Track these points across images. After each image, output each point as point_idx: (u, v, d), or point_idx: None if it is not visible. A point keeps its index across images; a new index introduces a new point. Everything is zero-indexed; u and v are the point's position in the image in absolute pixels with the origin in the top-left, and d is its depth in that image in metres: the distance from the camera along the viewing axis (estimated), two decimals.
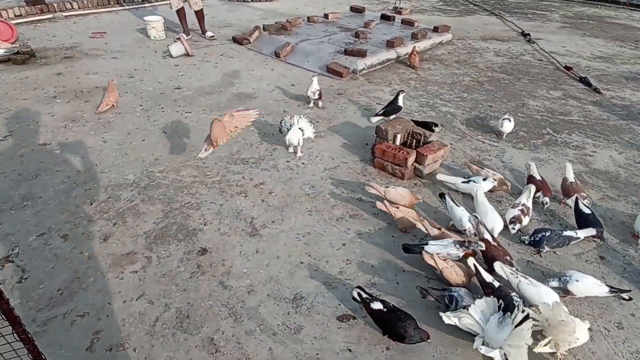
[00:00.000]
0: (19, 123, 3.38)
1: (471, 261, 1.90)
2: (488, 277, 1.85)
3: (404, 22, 6.51)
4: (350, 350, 1.70)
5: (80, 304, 1.85)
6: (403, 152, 2.75)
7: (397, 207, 2.26)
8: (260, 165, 2.93)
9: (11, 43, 5.08)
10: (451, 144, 3.25)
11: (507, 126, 3.27)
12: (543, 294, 1.78)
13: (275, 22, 5.93)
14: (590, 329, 1.74)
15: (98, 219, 2.36)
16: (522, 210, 2.29)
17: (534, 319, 1.64)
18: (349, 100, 4.05)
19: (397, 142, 2.95)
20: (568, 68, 5.07)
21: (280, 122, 3.18)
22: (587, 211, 2.33)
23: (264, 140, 3.28)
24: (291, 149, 3.08)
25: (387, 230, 2.35)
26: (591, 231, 2.21)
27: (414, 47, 5.20)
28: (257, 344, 1.70)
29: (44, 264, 2.05)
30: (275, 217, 2.42)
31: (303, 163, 2.98)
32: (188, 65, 4.77)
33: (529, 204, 2.35)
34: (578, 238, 2.21)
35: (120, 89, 4.04)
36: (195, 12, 5.64)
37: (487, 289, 1.83)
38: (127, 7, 7.38)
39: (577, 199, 2.39)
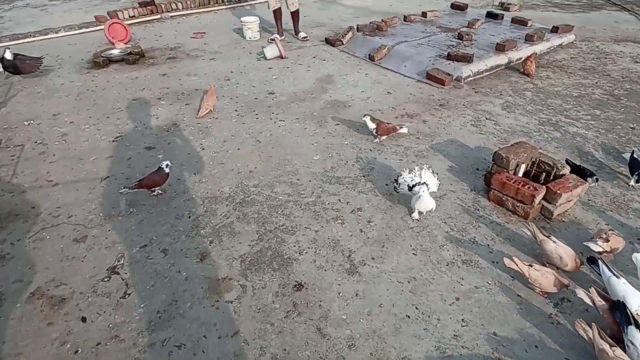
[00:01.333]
0: (128, 124, 3.57)
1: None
2: None
3: (514, 20, 5.79)
4: None
5: (178, 332, 1.80)
6: (530, 188, 2.32)
7: (531, 265, 1.87)
8: (357, 187, 2.70)
9: (125, 43, 5.50)
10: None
11: None
12: None
13: (370, 23, 5.63)
14: None
15: (195, 235, 2.34)
16: None
17: None
18: (454, 113, 3.64)
19: (520, 173, 2.52)
20: None
21: (397, 180, 2.46)
22: None
23: (360, 157, 3.05)
24: (416, 215, 2.40)
25: (511, 286, 1.98)
26: None
27: (534, 52, 4.53)
28: None
29: (145, 280, 2.06)
30: (376, 252, 2.18)
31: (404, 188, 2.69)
32: (281, 68, 4.71)
33: None
34: None
35: (217, 92, 4.11)
36: (291, 12, 5.57)
37: None
38: (225, 7, 7.63)
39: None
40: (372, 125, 3.11)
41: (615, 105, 3.69)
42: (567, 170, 2.49)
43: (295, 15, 5.64)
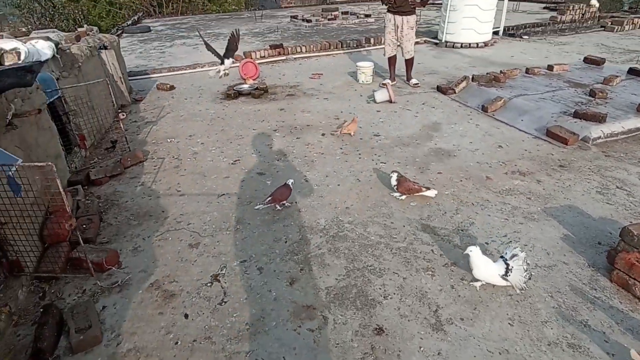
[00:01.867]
0: (246, 150, 4.03)
1: None
2: None
3: None
4: None
5: (260, 348, 1.91)
6: None
7: None
8: (453, 241, 2.60)
9: (254, 80, 6.28)
10: None
11: None
12: None
13: (487, 73, 5.50)
14: None
15: (289, 260, 2.49)
16: None
17: None
18: (576, 176, 3.29)
19: None
20: None
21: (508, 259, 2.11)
22: None
23: (461, 209, 2.93)
24: (476, 283, 2.19)
25: None
26: None
27: None
28: None
29: (240, 292, 2.26)
30: (466, 313, 2.05)
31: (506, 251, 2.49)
32: (389, 112, 4.85)
33: None
34: None
35: (326, 130, 4.40)
36: (406, 60, 5.76)
37: None
38: (343, 51, 8.22)
39: None
40: (394, 182, 2.98)
41: None
42: None
43: (409, 62, 5.81)
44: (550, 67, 5.77)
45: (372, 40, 8.67)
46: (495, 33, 8.94)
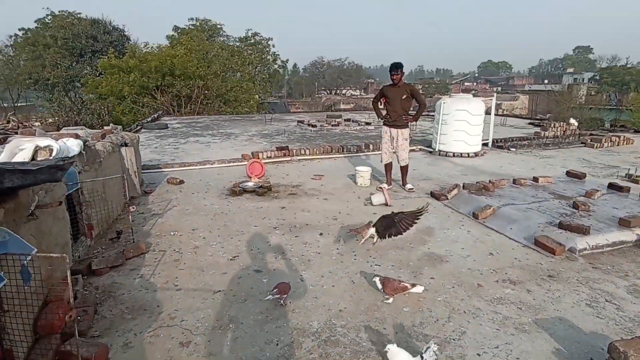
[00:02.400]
0: (246, 247, 4.17)
1: None
2: None
3: None
4: None
5: None
6: None
7: None
8: (445, 350, 2.58)
9: (259, 178, 6.69)
10: None
11: None
12: None
13: (477, 182, 5.89)
14: None
15: None
16: None
17: None
18: (565, 287, 3.36)
19: None
20: None
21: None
22: None
23: (453, 315, 2.96)
24: None
25: None
26: None
27: None
28: None
29: None
30: None
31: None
32: None
33: None
34: None
35: (324, 229, 4.59)
36: (401, 166, 6.23)
37: None
38: (343, 155, 8.87)
39: None
40: (379, 286, 3.07)
41: None
42: None
43: (404, 169, 6.28)
44: (535, 179, 6.19)
45: (371, 146, 9.39)
46: (485, 144, 9.71)
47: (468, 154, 8.76)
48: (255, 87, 25.83)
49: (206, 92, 21.83)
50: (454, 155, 8.73)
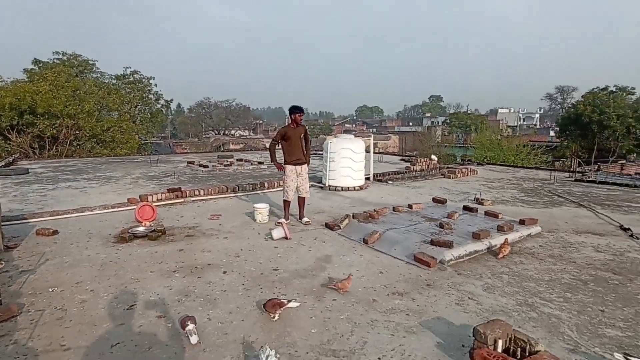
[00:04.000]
0: (143, 294, 3.92)
1: None
2: None
3: (487, 213, 6.77)
4: None
5: None
6: None
7: None
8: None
9: (150, 222, 6.32)
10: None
11: None
12: None
13: (364, 211, 6.61)
14: None
15: None
16: None
17: None
18: (439, 292, 4.02)
19: (499, 349, 2.75)
20: None
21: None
22: None
23: (355, 329, 3.29)
24: None
25: None
26: None
27: (505, 239, 5.25)
28: None
29: None
30: None
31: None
32: (286, 247, 5.34)
33: None
34: None
35: (227, 267, 4.60)
36: (300, 197, 6.64)
37: None
38: (240, 194, 8.93)
39: None
40: (264, 307, 3.44)
41: (583, 290, 4.10)
42: (542, 347, 2.73)
43: (302, 201, 6.70)
44: (410, 206, 7.21)
45: (266, 184, 9.67)
46: (368, 179, 10.87)
47: (354, 187, 9.69)
48: (136, 127, 24.11)
49: (77, 132, 19.58)
50: (342, 189, 9.56)
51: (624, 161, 22.14)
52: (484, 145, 23.99)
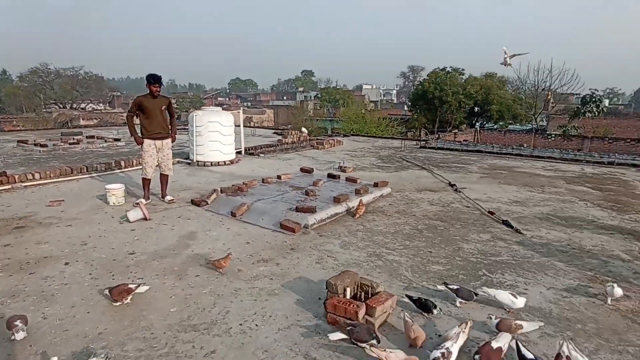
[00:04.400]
0: None
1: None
2: None
3: (348, 179, 7.39)
4: None
5: None
6: (353, 306, 2.86)
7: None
8: (212, 331, 2.86)
9: None
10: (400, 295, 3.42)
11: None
12: None
13: (232, 185, 6.50)
14: None
15: None
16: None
17: None
18: (302, 254, 4.27)
19: (348, 296, 3.08)
20: (491, 212, 5.83)
21: None
22: (530, 356, 2.43)
23: (218, 301, 3.27)
24: None
25: None
26: None
27: (360, 200, 5.83)
28: None
29: None
30: None
31: (257, 325, 2.96)
32: (145, 229, 4.93)
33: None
34: None
35: (70, 258, 4.03)
36: (163, 175, 6.14)
37: None
38: (89, 175, 7.81)
39: (517, 342, 2.52)
40: (108, 293, 3.21)
41: (419, 237, 4.88)
42: (382, 288, 3.17)
43: (165, 179, 6.22)
44: (279, 177, 7.38)
45: (122, 163, 8.66)
46: (239, 152, 10.69)
47: (225, 162, 9.43)
48: None
49: None
50: (212, 165, 9.20)
51: (457, 130, 26.68)
52: (351, 119, 25.92)
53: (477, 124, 28.97)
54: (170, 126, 6.22)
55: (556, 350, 2.48)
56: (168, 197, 6.20)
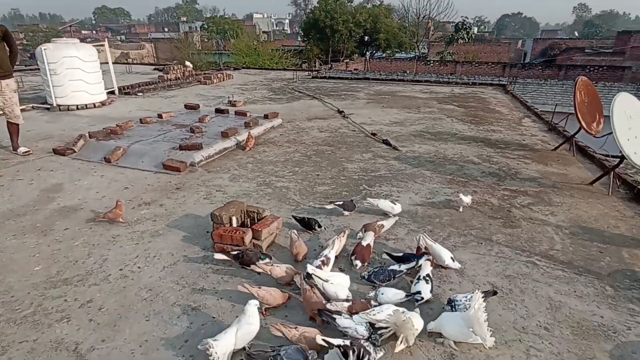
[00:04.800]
0: None
1: (319, 338, 2.01)
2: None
3: (237, 113, 7.11)
4: None
5: None
6: (239, 233, 2.90)
7: (260, 287, 2.40)
8: (88, 282, 2.66)
9: None
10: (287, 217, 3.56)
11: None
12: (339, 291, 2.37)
13: (104, 128, 5.76)
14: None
15: None
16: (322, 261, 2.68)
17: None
18: (188, 193, 4.11)
19: (234, 224, 3.10)
20: (374, 134, 6.25)
21: None
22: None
23: (93, 251, 3.02)
24: None
25: (231, 315, 2.37)
26: (411, 263, 2.70)
27: (249, 132, 5.70)
28: None
29: None
30: (107, 334, 2.20)
31: (139, 267, 2.83)
32: None
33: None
34: (401, 271, 2.66)
35: None
36: (10, 124, 5.13)
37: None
38: None
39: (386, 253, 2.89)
40: None
41: (308, 162, 5.04)
42: (268, 212, 3.25)
43: (14, 127, 5.22)
44: (160, 115, 6.75)
45: None
46: (112, 93, 9.39)
47: (94, 104, 8.22)
48: None
49: None
50: (77, 108, 7.96)
51: (348, 60, 27.16)
52: (242, 51, 24.33)
53: (367, 53, 29.77)
54: (10, 61, 5.07)
55: (416, 244, 2.92)
56: (22, 149, 5.26)
